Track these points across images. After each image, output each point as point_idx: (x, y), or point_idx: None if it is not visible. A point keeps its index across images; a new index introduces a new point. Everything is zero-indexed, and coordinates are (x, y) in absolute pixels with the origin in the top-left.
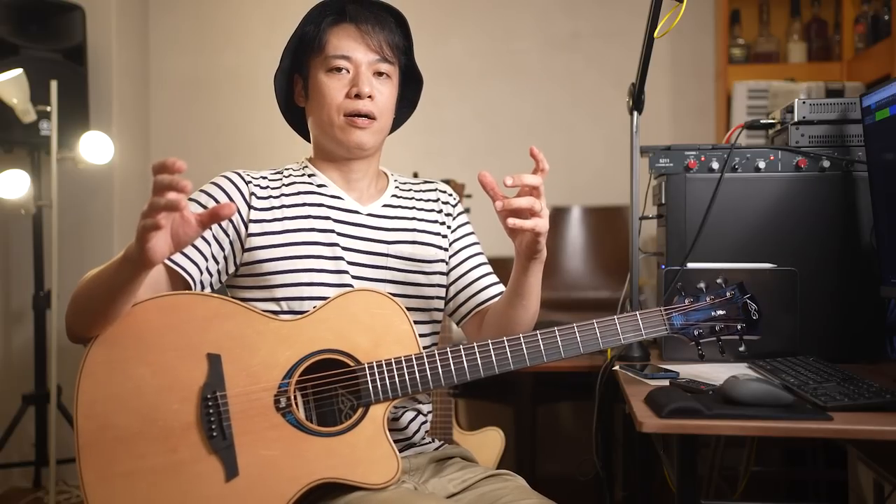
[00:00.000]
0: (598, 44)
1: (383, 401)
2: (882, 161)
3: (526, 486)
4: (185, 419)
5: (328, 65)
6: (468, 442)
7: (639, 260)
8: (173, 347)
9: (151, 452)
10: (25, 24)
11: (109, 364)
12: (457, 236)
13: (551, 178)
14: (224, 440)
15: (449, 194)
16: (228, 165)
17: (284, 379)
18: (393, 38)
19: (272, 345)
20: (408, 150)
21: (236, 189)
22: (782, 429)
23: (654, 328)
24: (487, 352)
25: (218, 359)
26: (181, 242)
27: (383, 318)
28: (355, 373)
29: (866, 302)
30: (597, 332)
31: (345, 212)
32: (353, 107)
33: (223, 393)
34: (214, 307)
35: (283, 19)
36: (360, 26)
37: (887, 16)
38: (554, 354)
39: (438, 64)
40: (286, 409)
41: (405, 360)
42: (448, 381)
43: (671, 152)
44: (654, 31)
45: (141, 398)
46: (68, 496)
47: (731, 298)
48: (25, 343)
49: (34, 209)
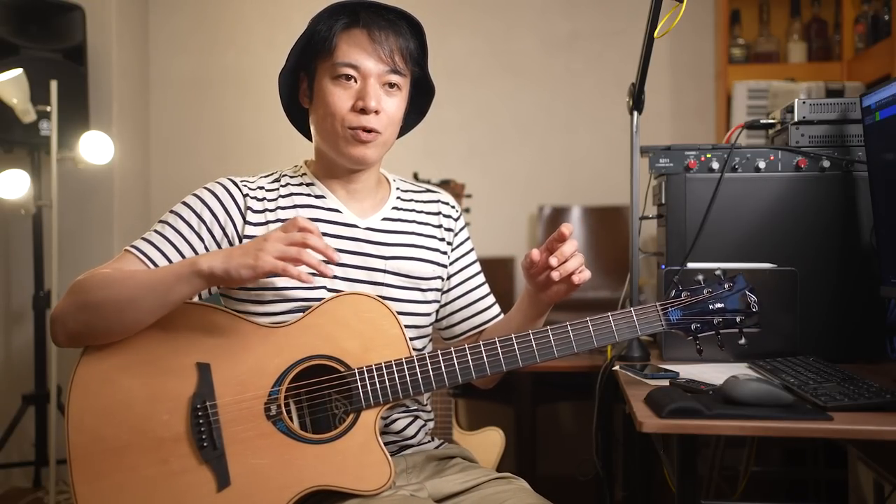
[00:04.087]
0: (598, 44)
1: (374, 406)
2: (882, 161)
3: (529, 490)
4: (176, 429)
5: (335, 72)
6: (468, 442)
7: (639, 260)
8: (162, 357)
9: (143, 464)
10: (25, 24)
11: (99, 375)
12: (458, 255)
13: (551, 178)
14: (215, 450)
15: (451, 206)
16: (228, 165)
17: (274, 386)
18: (407, 45)
19: (261, 352)
20: (408, 150)
21: (231, 199)
22: (782, 429)
23: (649, 324)
24: (479, 354)
25: (207, 368)
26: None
27: (372, 321)
28: (345, 378)
29: (866, 302)
30: (591, 330)
31: (343, 226)
32: (357, 121)
33: (213, 402)
34: (203, 316)
35: (283, 19)
36: (372, 34)
37: (887, 16)
38: (547, 355)
39: (438, 64)
40: (276, 417)
41: (395, 364)
42: (439, 385)
43: (671, 152)
44: (654, 31)
45: (130, 409)
46: (68, 496)
47: (730, 291)
48: (25, 343)
49: (34, 209)
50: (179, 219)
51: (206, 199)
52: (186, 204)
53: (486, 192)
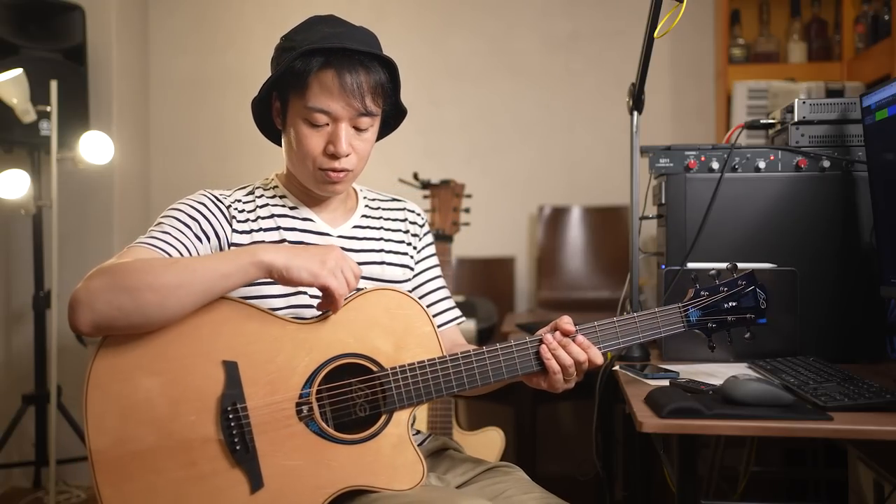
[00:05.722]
0: (598, 44)
1: (408, 406)
2: (882, 161)
3: (527, 479)
4: (204, 431)
5: (306, 115)
6: (468, 442)
7: (639, 260)
8: (183, 354)
9: (170, 466)
10: (25, 24)
11: (116, 374)
12: (421, 257)
13: (551, 179)
14: (247, 452)
15: (417, 214)
16: (228, 165)
17: (305, 388)
18: (379, 81)
19: (290, 350)
20: (408, 150)
21: (216, 207)
22: (782, 429)
23: (672, 326)
24: (510, 353)
25: (234, 366)
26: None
27: (404, 318)
28: (379, 379)
29: (866, 302)
30: (616, 330)
31: (316, 234)
32: (329, 164)
33: (244, 405)
34: (224, 310)
35: (283, 19)
36: (343, 78)
37: (887, 16)
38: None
39: (439, 63)
40: (308, 417)
41: (429, 363)
42: (472, 385)
43: (671, 152)
44: (654, 31)
45: (154, 410)
46: (68, 496)
47: (743, 288)
48: (25, 343)
49: (34, 209)
50: (178, 221)
51: (196, 207)
52: (179, 209)
53: (486, 192)
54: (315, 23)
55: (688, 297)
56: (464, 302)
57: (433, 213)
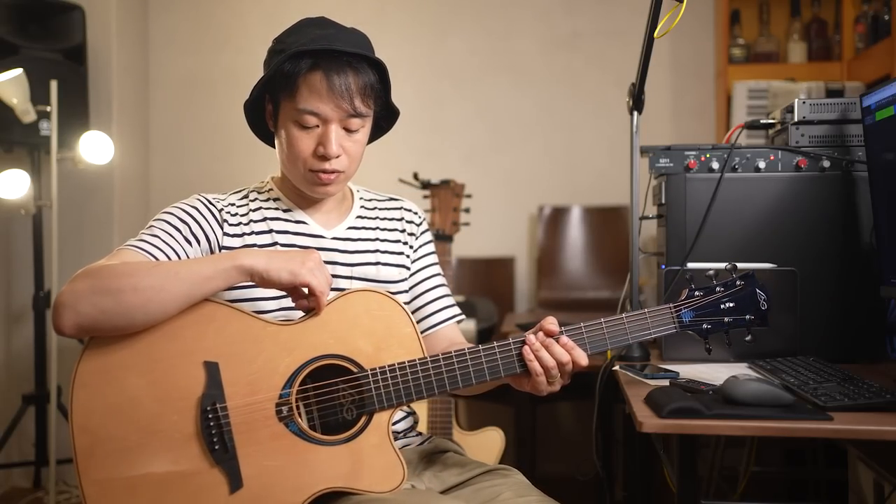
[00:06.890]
0: (598, 43)
1: (388, 408)
2: (882, 161)
3: (525, 482)
4: (185, 431)
5: (296, 117)
6: (468, 442)
7: (639, 260)
8: (168, 355)
9: (152, 465)
10: (25, 24)
11: (102, 373)
12: (418, 255)
13: (552, 178)
14: (226, 452)
15: (415, 213)
16: (228, 165)
17: (285, 388)
18: (368, 82)
19: (271, 351)
20: (408, 150)
21: (209, 211)
22: (782, 429)
23: (662, 327)
24: (493, 354)
25: (216, 367)
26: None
27: (385, 319)
28: (359, 380)
29: (866, 302)
30: (604, 331)
31: (309, 237)
32: (319, 166)
33: (223, 404)
34: (208, 312)
35: (282, 18)
36: (331, 80)
37: (887, 16)
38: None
39: (439, 63)
40: (288, 418)
41: (409, 364)
42: (454, 387)
43: (671, 152)
44: (654, 30)
45: (138, 409)
46: (68, 496)
47: (741, 289)
48: (25, 343)
49: (34, 209)
50: (169, 225)
51: (188, 211)
52: (170, 213)
53: (486, 192)
54: (305, 25)
55: (681, 298)
56: (464, 302)
57: (433, 213)
